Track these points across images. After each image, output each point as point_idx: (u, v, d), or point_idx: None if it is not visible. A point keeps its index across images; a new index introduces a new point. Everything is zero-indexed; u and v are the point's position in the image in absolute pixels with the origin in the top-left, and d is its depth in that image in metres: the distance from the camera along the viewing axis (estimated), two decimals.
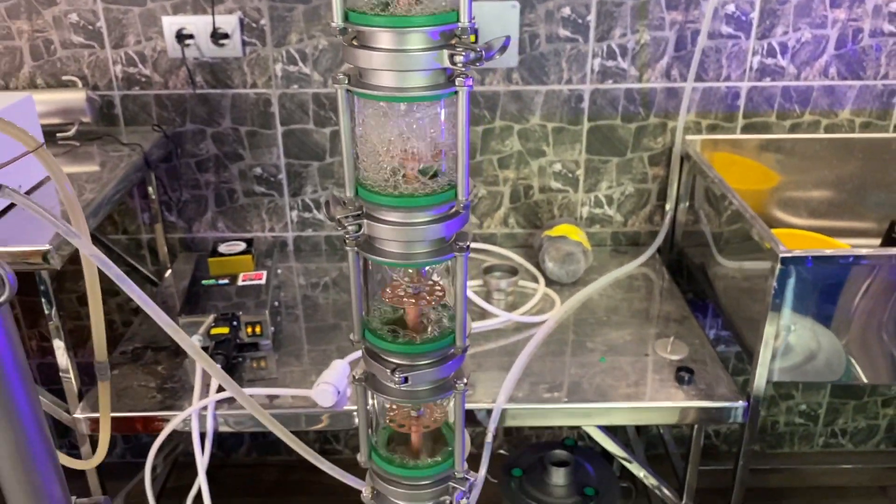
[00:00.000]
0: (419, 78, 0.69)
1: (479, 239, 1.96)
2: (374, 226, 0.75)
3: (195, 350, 0.81)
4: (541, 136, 1.86)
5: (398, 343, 0.81)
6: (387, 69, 0.68)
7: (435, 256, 0.77)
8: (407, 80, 0.69)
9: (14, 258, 1.27)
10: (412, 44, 0.67)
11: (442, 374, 0.82)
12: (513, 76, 1.79)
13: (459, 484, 0.88)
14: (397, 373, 0.78)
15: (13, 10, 1.71)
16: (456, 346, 0.82)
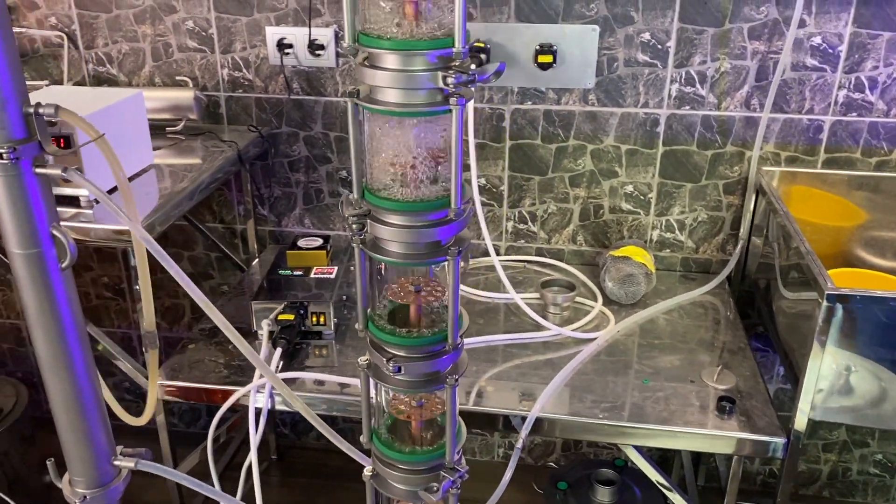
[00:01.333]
0: (417, 96, 0.77)
1: (546, 254, 2.01)
2: (376, 226, 0.83)
3: (225, 325, 0.92)
4: (614, 157, 1.89)
5: (396, 336, 0.89)
6: (388, 86, 0.76)
7: (428, 258, 0.84)
8: (406, 97, 0.77)
9: (109, 235, 1.44)
10: (411, 65, 0.75)
11: (433, 368, 0.89)
12: (589, 97, 1.83)
13: (449, 473, 0.94)
14: (391, 363, 0.86)
15: (140, 16, 1.92)
16: (448, 342, 0.88)
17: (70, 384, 0.92)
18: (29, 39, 1.98)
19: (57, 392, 0.92)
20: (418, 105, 0.78)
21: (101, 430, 0.97)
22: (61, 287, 0.88)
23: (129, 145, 1.62)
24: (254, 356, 0.94)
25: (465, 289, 1.86)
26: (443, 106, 0.78)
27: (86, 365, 0.93)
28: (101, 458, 0.98)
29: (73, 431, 0.95)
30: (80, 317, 0.92)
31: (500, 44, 1.79)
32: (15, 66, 0.78)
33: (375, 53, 0.77)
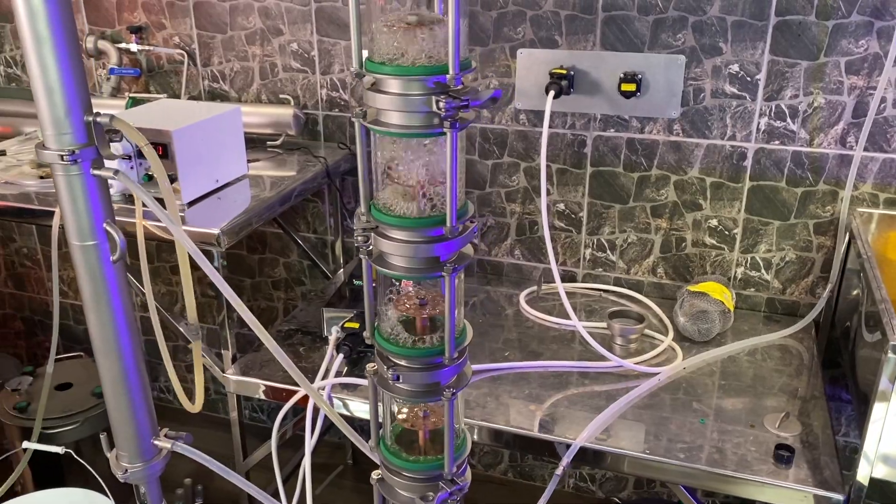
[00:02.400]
0: (415, 119, 0.81)
1: (624, 284, 1.98)
2: (379, 240, 0.87)
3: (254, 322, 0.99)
4: (698, 190, 1.84)
5: (398, 346, 0.92)
6: (389, 109, 0.81)
7: (425, 273, 0.88)
8: (405, 120, 0.81)
9: (194, 238, 1.57)
10: (409, 89, 0.79)
11: (431, 380, 0.92)
12: (673, 127, 1.80)
13: (447, 485, 0.96)
14: (392, 371, 0.90)
15: (251, 37, 2.07)
16: (444, 357, 0.91)
17: (118, 366, 1.02)
18: (155, 56, 2.18)
19: (106, 372, 1.02)
20: (415, 127, 0.82)
21: (144, 411, 1.07)
22: (113, 277, 0.98)
23: (225, 155, 1.75)
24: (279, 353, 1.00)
25: (534, 314, 1.86)
26: (438, 129, 0.81)
27: (133, 350, 1.03)
28: (143, 437, 1.07)
29: (120, 410, 1.05)
30: (129, 305, 1.01)
31: (585, 71, 1.80)
32: (80, 79, 0.89)
33: (379, 78, 0.82)
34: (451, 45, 0.77)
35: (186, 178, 1.62)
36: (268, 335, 1.00)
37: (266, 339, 0.99)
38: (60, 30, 0.86)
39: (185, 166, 1.61)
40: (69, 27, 0.87)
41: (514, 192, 1.99)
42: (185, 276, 1.06)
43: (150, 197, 0.93)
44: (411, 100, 0.81)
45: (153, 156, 0.95)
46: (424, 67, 0.80)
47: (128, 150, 1.59)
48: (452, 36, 0.76)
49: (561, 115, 1.87)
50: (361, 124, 0.86)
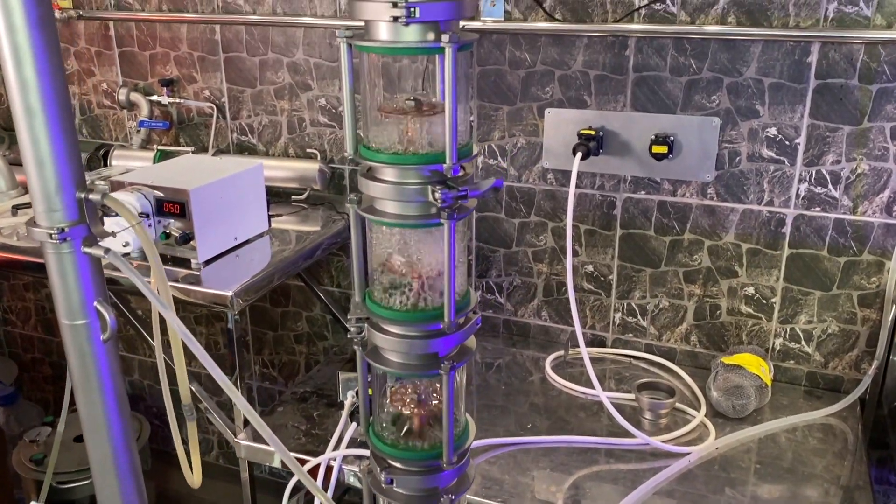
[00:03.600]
0: (410, 208, 0.76)
1: (656, 351, 1.89)
2: (372, 332, 0.82)
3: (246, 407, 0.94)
4: (734, 256, 1.76)
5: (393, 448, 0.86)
6: (383, 197, 0.76)
7: (422, 370, 0.82)
8: (400, 209, 0.76)
9: (207, 299, 1.54)
10: (404, 178, 0.75)
11: (427, 484, 0.85)
12: (707, 190, 1.73)
13: None
14: (385, 473, 0.84)
15: (279, 92, 2.06)
16: (443, 460, 0.84)
17: (107, 448, 0.98)
18: (186, 109, 2.18)
19: (95, 453, 0.98)
20: (411, 217, 0.77)
21: (133, 493, 1.02)
22: (104, 357, 0.94)
23: (245, 212, 1.73)
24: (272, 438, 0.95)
25: (559, 381, 1.79)
26: (435, 219, 0.76)
27: (123, 432, 0.98)
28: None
29: (108, 493, 1.01)
30: (121, 385, 0.97)
31: (614, 132, 1.75)
32: (72, 154, 0.86)
33: (374, 165, 0.78)
34: (447, 134, 0.73)
35: (203, 236, 1.59)
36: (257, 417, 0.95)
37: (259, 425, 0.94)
38: (53, 102, 0.83)
39: (203, 225, 1.59)
40: (62, 100, 0.85)
41: (541, 252, 1.92)
42: (177, 357, 1.02)
43: (142, 280, 0.89)
44: (407, 189, 0.76)
45: (144, 236, 0.91)
46: (420, 156, 0.75)
47: (146, 207, 1.58)
48: (449, 124, 0.72)
49: (590, 176, 1.81)
50: (356, 211, 0.81)
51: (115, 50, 2.22)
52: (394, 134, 0.77)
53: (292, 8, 1.97)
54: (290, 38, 2.00)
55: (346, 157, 0.80)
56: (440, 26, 0.74)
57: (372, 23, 0.76)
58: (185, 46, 2.12)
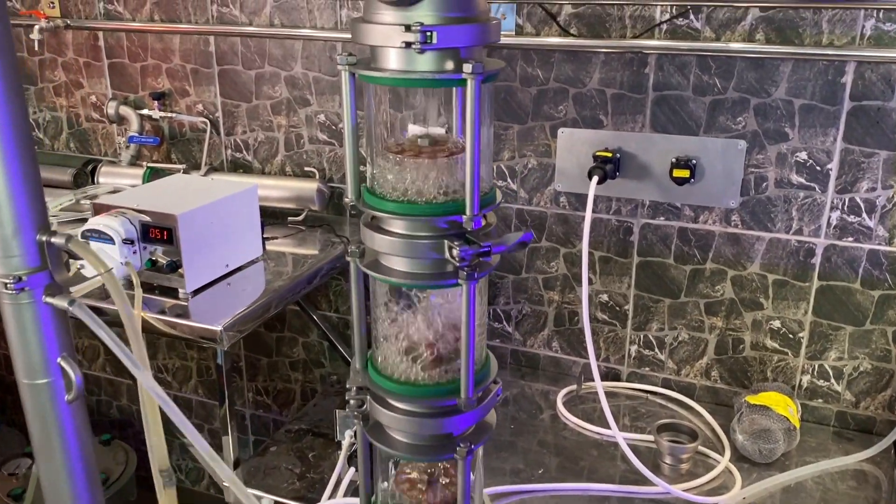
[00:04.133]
0: (422, 265, 0.65)
1: (674, 386, 1.78)
2: (376, 407, 0.71)
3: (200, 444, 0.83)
4: (759, 287, 1.64)
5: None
6: (389, 252, 0.65)
7: (433, 454, 0.70)
8: (410, 266, 0.65)
9: (194, 334, 1.42)
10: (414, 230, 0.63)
11: None
12: (731, 217, 1.62)
13: None
14: None
15: (276, 107, 1.95)
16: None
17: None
18: (178, 123, 2.07)
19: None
20: (422, 276, 0.66)
21: None
22: (69, 419, 0.83)
23: (238, 237, 1.62)
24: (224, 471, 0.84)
25: (572, 419, 1.67)
26: (450, 279, 0.65)
27: (91, 498, 0.87)
28: None
29: None
30: (89, 450, 0.86)
31: (632, 154, 1.64)
32: (33, 193, 0.75)
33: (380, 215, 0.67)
34: (468, 180, 0.61)
35: (192, 264, 1.48)
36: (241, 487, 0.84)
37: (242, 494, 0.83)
38: (10, 136, 0.72)
39: (192, 252, 1.48)
40: (21, 132, 0.74)
41: (552, 279, 1.81)
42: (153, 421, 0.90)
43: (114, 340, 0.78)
44: (419, 244, 0.65)
45: (113, 285, 0.80)
46: (436, 205, 0.64)
47: (130, 233, 1.47)
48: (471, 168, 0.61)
49: (605, 200, 1.70)
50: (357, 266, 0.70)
51: (104, 61, 2.11)
52: (404, 177, 0.66)
53: (290, 19, 1.86)
54: (288, 50, 1.89)
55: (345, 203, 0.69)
56: (461, 53, 0.63)
57: (380, 49, 0.65)
58: (177, 58, 2.01)
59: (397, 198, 0.67)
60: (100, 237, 1.45)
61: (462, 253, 0.62)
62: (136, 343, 0.84)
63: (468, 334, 0.65)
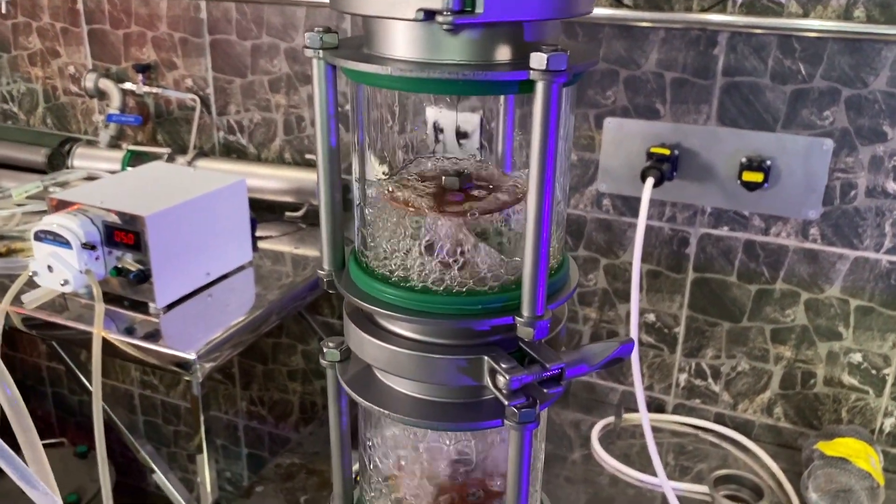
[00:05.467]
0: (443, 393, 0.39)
1: (728, 422, 1.53)
2: None
3: None
4: (838, 314, 1.38)
5: None
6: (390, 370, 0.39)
7: None
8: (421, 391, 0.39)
9: (165, 360, 1.18)
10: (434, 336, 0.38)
11: None
12: (809, 231, 1.35)
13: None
14: None
15: (274, 84, 1.70)
16: None
17: None
18: (165, 100, 1.82)
19: None
20: (443, 411, 0.40)
21: None
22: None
23: (222, 241, 1.37)
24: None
25: (609, 461, 1.43)
26: (493, 421, 0.40)
27: None
28: None
29: None
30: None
31: (693, 150, 1.37)
32: None
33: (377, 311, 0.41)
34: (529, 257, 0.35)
35: (164, 274, 1.24)
36: None
37: None
38: None
39: (163, 260, 1.23)
40: None
41: (589, 294, 1.56)
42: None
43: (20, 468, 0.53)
44: (437, 362, 0.39)
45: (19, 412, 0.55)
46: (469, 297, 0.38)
47: (92, 236, 1.23)
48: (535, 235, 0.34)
49: (658, 205, 1.44)
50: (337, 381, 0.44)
51: (83, 27, 1.85)
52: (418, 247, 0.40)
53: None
54: (289, 18, 1.63)
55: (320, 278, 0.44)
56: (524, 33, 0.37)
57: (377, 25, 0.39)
58: (164, 26, 1.76)
59: (404, 281, 0.40)
60: (55, 240, 1.21)
61: (514, 382, 0.36)
62: (29, 445, 0.59)
63: (518, 499, 0.40)
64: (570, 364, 0.39)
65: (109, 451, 2.17)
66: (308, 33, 0.43)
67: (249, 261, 1.45)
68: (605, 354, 0.41)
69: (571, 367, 0.39)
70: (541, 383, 0.39)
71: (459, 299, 0.39)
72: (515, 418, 0.38)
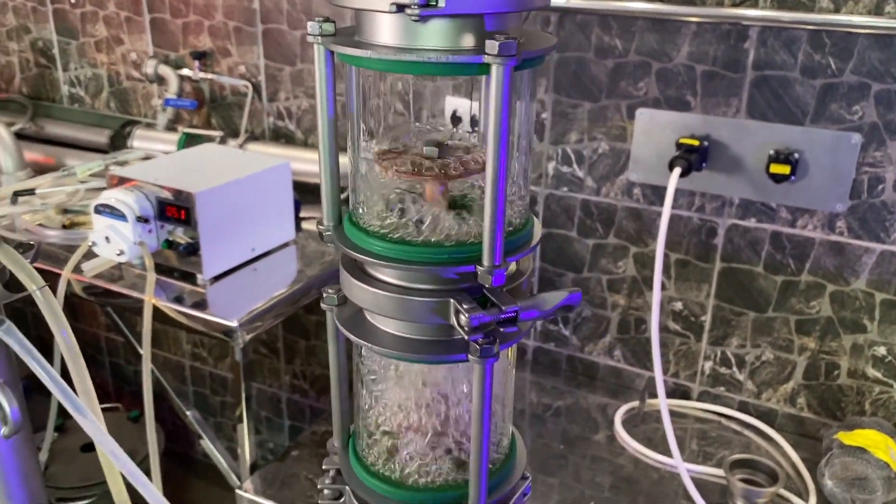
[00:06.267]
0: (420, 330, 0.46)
1: (752, 411, 1.55)
2: None
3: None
4: (863, 307, 1.40)
5: None
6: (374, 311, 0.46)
7: None
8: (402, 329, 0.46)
9: (209, 328, 1.27)
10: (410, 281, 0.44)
11: None
12: (836, 224, 1.37)
13: None
14: None
15: None
16: None
17: None
18: (219, 86, 1.92)
19: None
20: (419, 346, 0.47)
21: None
22: (9, 455, 0.68)
23: (267, 219, 1.45)
24: None
25: (630, 443, 1.47)
26: (458, 354, 0.46)
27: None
28: None
29: None
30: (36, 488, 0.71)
31: (722, 142, 1.40)
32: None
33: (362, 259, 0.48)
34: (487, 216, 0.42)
35: (211, 248, 1.33)
36: None
37: None
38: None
39: (211, 234, 1.32)
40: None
41: (618, 281, 1.60)
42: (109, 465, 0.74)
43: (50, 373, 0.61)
44: (413, 303, 0.46)
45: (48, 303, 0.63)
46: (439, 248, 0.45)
47: (146, 210, 1.32)
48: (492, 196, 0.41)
49: (687, 195, 1.48)
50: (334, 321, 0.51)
51: (145, 16, 1.96)
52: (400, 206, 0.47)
53: None
54: (337, 9, 1.70)
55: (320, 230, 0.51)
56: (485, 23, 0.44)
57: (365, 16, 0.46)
58: (220, 15, 1.85)
59: (387, 234, 0.47)
60: (112, 213, 1.31)
61: (473, 320, 0.43)
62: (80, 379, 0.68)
63: (480, 429, 0.46)
64: (524, 308, 0.45)
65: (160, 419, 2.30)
66: (310, 22, 0.50)
67: (293, 239, 1.53)
68: (554, 302, 0.46)
69: (525, 311, 0.45)
70: (499, 324, 0.45)
71: (430, 250, 0.46)
72: (477, 353, 0.45)
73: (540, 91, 1.54)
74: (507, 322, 0.44)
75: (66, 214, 1.58)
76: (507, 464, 0.55)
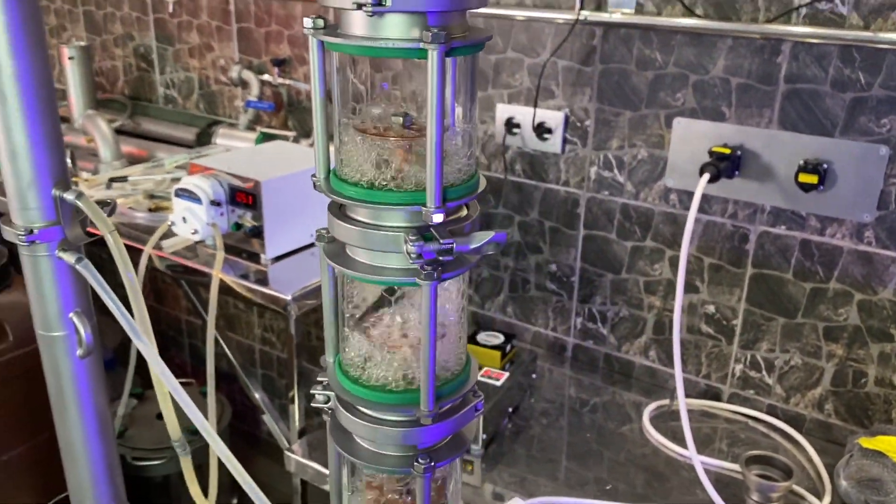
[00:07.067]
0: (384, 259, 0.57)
1: (780, 415, 1.60)
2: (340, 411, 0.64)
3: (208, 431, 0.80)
4: (890, 316, 1.43)
5: None
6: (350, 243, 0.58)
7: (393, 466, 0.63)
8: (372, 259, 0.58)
9: (265, 300, 1.42)
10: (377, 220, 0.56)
11: None
12: (864, 234, 1.41)
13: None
14: None
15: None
16: None
17: (85, 476, 0.87)
18: (296, 91, 2.09)
19: (72, 480, 0.88)
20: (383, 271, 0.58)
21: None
22: (82, 374, 0.83)
23: (312, 212, 1.60)
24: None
25: (654, 435, 1.54)
26: (412, 278, 0.58)
27: (104, 459, 0.87)
28: None
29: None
30: (102, 407, 0.86)
31: (754, 152, 1.47)
32: (52, 146, 0.74)
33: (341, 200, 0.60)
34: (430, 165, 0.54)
35: (274, 231, 1.48)
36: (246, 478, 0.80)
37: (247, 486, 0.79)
38: (29, 85, 0.72)
39: (274, 219, 1.47)
40: (41, 82, 0.73)
41: (654, 283, 1.67)
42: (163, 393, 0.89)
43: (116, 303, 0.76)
44: (376, 235, 0.58)
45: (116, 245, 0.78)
46: (398, 194, 0.57)
47: (219, 195, 1.49)
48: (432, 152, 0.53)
49: (721, 201, 1.54)
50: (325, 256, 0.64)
51: (233, 25, 2.16)
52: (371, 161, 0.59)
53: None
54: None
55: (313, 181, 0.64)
56: (427, 19, 0.56)
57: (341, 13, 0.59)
58: (298, 25, 2.03)
59: (363, 182, 0.60)
60: (189, 196, 1.48)
61: (417, 249, 0.55)
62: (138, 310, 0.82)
63: (428, 342, 0.57)
64: (458, 243, 0.56)
65: (229, 396, 2.49)
66: (306, 18, 0.63)
67: None
68: (483, 239, 0.57)
69: (459, 245, 0.56)
70: (439, 253, 0.56)
71: (391, 194, 0.58)
72: (421, 276, 0.56)
73: (584, 100, 1.63)
74: (444, 252, 0.56)
75: (152, 199, 1.77)
76: (458, 379, 0.66)
